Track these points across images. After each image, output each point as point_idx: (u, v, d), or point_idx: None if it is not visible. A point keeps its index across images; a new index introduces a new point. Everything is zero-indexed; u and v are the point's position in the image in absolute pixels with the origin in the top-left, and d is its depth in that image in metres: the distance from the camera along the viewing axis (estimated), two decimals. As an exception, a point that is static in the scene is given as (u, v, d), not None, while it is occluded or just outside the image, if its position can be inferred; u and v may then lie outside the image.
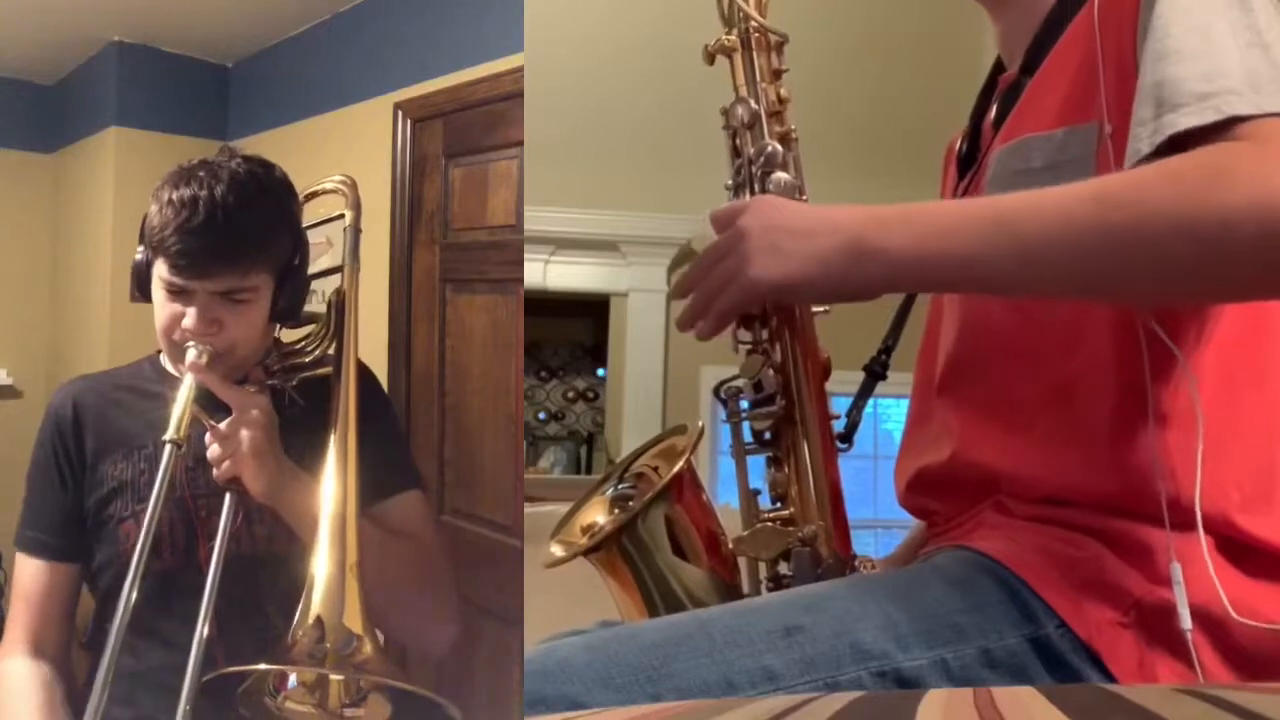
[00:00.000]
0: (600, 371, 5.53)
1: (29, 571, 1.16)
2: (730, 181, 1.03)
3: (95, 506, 1.16)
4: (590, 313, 5.36)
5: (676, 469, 0.99)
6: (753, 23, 1.02)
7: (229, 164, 1.09)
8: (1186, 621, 0.78)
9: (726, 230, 0.89)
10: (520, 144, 1.96)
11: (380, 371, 2.18)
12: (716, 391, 1.01)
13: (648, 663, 0.79)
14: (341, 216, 1.26)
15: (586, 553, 0.99)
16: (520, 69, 1.86)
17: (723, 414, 1.01)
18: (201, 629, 0.97)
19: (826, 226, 0.84)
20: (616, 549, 0.98)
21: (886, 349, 1.14)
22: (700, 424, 1.06)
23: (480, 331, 2.07)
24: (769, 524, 0.97)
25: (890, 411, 5.11)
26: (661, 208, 5.02)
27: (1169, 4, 0.81)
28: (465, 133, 2.10)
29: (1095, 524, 0.84)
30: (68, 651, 1.18)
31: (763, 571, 1.00)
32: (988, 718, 0.55)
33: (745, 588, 1.02)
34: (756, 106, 1.00)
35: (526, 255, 4.38)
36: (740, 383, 0.99)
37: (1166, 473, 0.81)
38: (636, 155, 4.91)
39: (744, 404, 1.00)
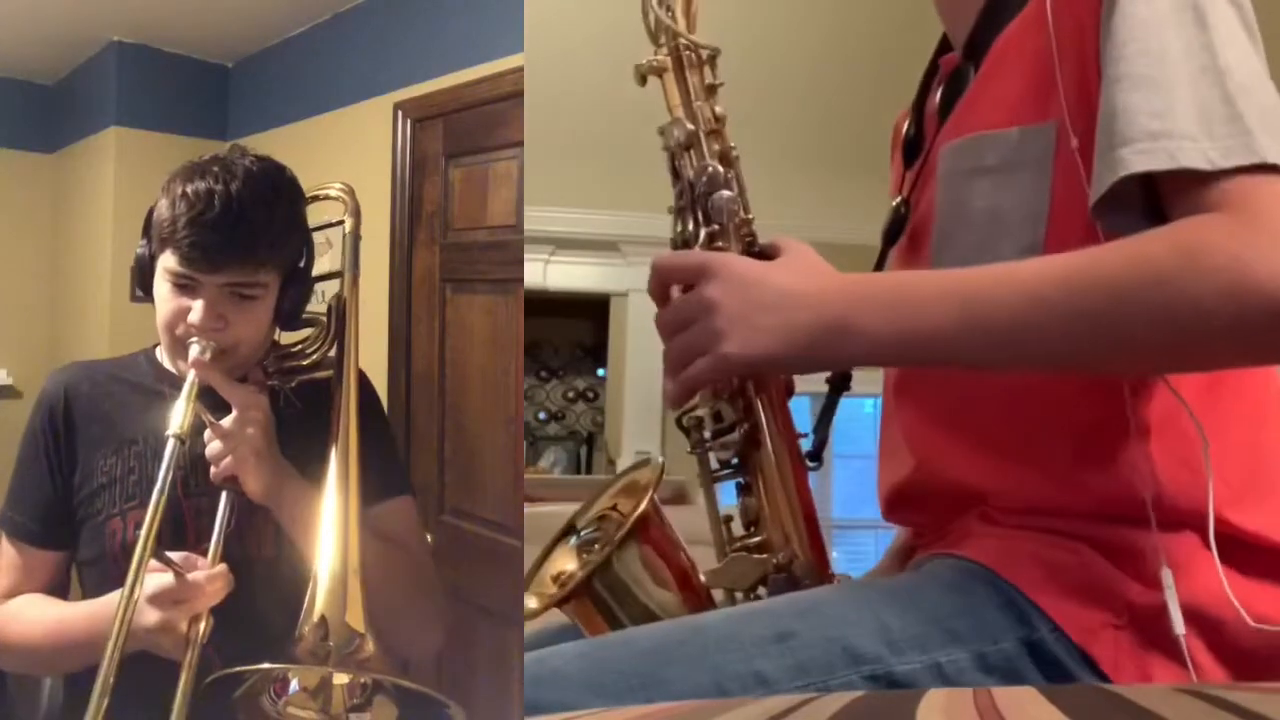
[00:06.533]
0: (600, 371, 5.52)
1: (9, 551, 1.16)
2: (674, 205, 1.00)
3: (83, 500, 1.14)
4: (590, 313, 5.36)
5: (641, 508, 0.95)
6: (682, 40, 0.95)
7: (243, 161, 1.09)
8: (1179, 626, 0.77)
9: (689, 292, 0.85)
10: (520, 144, 1.97)
11: (380, 371, 2.19)
12: (679, 421, 0.98)
13: (640, 669, 0.78)
14: (342, 223, 1.26)
15: (560, 603, 0.96)
16: (520, 69, 1.86)
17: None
18: (201, 630, 0.96)
19: (802, 303, 0.81)
20: (589, 595, 0.95)
21: None
22: (661, 460, 1.02)
23: (480, 331, 2.07)
24: (742, 553, 0.94)
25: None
26: (661, 208, 4.99)
27: (1124, 15, 0.77)
28: (465, 133, 2.10)
29: (1084, 530, 0.82)
30: None
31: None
32: (988, 718, 0.55)
33: None
34: (693, 127, 0.96)
35: (526, 255, 4.39)
36: (701, 412, 0.95)
37: (1151, 478, 0.80)
38: (636, 155, 4.87)
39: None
